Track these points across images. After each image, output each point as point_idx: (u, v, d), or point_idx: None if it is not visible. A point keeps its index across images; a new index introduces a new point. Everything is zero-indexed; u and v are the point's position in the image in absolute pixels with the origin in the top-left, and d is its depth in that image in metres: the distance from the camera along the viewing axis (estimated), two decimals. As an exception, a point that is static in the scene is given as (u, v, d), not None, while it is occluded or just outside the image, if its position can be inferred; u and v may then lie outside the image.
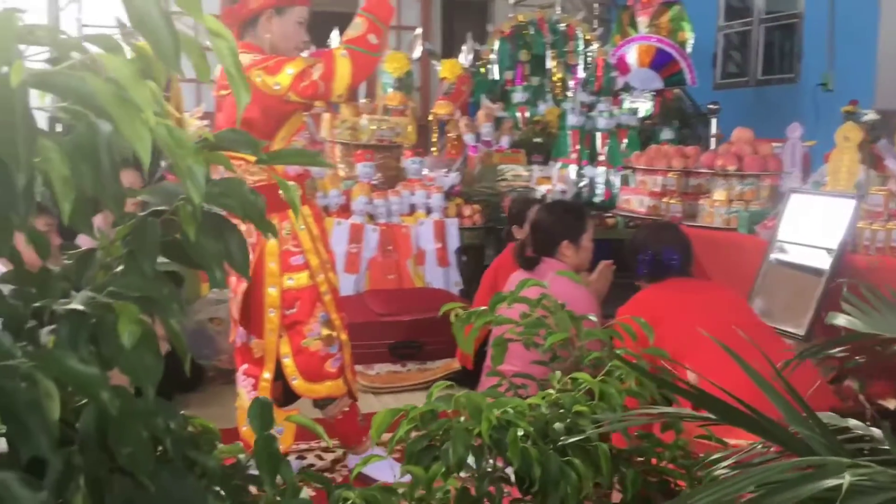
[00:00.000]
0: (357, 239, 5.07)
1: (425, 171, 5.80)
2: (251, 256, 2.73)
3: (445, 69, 6.44)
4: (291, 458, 3.15)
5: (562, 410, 1.04)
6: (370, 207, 5.15)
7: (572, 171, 6.15)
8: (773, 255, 3.57)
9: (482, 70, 6.70)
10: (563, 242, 2.92)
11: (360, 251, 5.07)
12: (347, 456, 3.11)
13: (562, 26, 6.68)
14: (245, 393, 2.84)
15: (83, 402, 0.72)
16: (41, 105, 0.62)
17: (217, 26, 0.67)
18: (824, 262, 3.25)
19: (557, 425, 1.01)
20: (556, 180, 5.95)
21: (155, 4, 0.61)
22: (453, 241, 5.35)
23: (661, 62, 6.40)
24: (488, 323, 1.62)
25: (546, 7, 7.08)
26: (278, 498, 0.76)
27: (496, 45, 6.70)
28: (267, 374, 2.74)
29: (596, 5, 7.75)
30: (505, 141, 6.28)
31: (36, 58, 0.63)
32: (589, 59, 6.68)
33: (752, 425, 0.80)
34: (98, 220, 0.74)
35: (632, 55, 6.44)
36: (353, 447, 3.00)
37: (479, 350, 3.28)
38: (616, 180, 6.09)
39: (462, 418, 1.05)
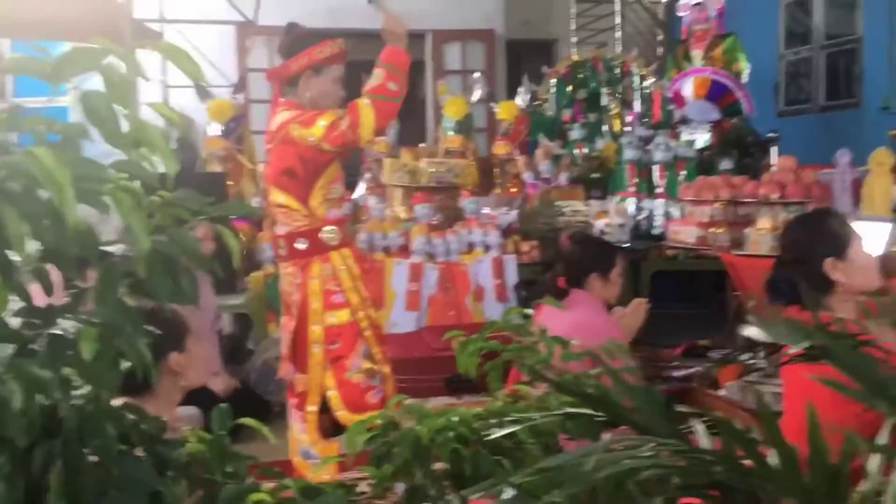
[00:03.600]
0: (416, 277, 5.27)
1: (486, 210, 5.98)
2: (296, 296, 2.95)
3: (503, 111, 6.65)
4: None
5: (502, 418, 1.19)
6: (429, 247, 5.34)
7: (631, 204, 6.22)
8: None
9: (539, 110, 6.88)
10: (592, 275, 3.03)
11: (419, 289, 5.27)
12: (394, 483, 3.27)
13: (616, 63, 6.81)
14: (296, 425, 3.05)
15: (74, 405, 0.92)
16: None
17: (160, 111, 0.88)
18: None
19: (494, 430, 1.16)
20: (613, 214, 6.04)
21: (104, 102, 0.82)
22: (512, 277, 5.48)
23: (717, 93, 6.45)
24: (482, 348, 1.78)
25: (601, 46, 7.22)
26: (228, 482, 0.94)
27: (552, 85, 6.87)
28: (312, 408, 2.95)
29: (654, 39, 7.85)
30: (563, 177, 6.42)
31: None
32: (645, 93, 6.78)
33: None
34: (93, 275, 0.93)
35: (688, 88, 6.51)
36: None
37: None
38: (675, 212, 6.14)
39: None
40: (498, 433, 1.08)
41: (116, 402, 0.97)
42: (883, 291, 2.18)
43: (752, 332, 1.20)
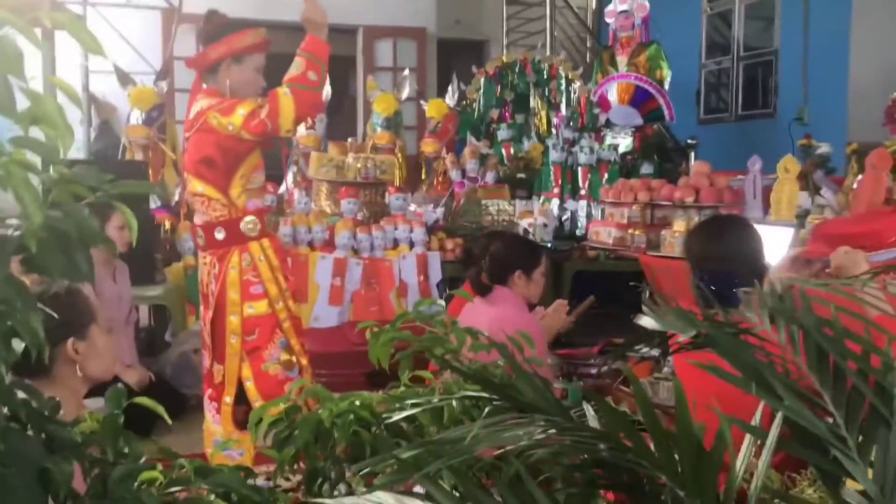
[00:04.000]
0: (341, 272, 5.26)
1: (412, 207, 6.00)
2: (214, 286, 2.92)
3: (431, 108, 6.68)
4: (260, 479, 3.31)
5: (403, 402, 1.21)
6: (353, 242, 5.34)
7: (555, 205, 6.34)
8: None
9: (468, 109, 6.94)
10: (516, 272, 3.06)
11: (343, 284, 5.26)
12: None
13: (545, 66, 6.91)
14: (210, 416, 3.02)
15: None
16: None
17: (60, 85, 0.87)
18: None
19: (396, 414, 1.18)
20: (538, 214, 6.13)
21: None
22: (436, 274, 5.52)
23: (640, 99, 6.60)
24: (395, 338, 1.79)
25: (531, 48, 7.32)
26: (121, 462, 0.94)
27: (481, 84, 6.94)
28: (228, 399, 2.92)
29: (583, 44, 7.99)
30: (490, 177, 6.49)
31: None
32: (572, 97, 6.90)
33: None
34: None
35: (612, 93, 6.65)
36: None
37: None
38: (597, 213, 6.28)
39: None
40: (398, 416, 1.10)
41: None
42: None
43: (645, 321, 1.25)
